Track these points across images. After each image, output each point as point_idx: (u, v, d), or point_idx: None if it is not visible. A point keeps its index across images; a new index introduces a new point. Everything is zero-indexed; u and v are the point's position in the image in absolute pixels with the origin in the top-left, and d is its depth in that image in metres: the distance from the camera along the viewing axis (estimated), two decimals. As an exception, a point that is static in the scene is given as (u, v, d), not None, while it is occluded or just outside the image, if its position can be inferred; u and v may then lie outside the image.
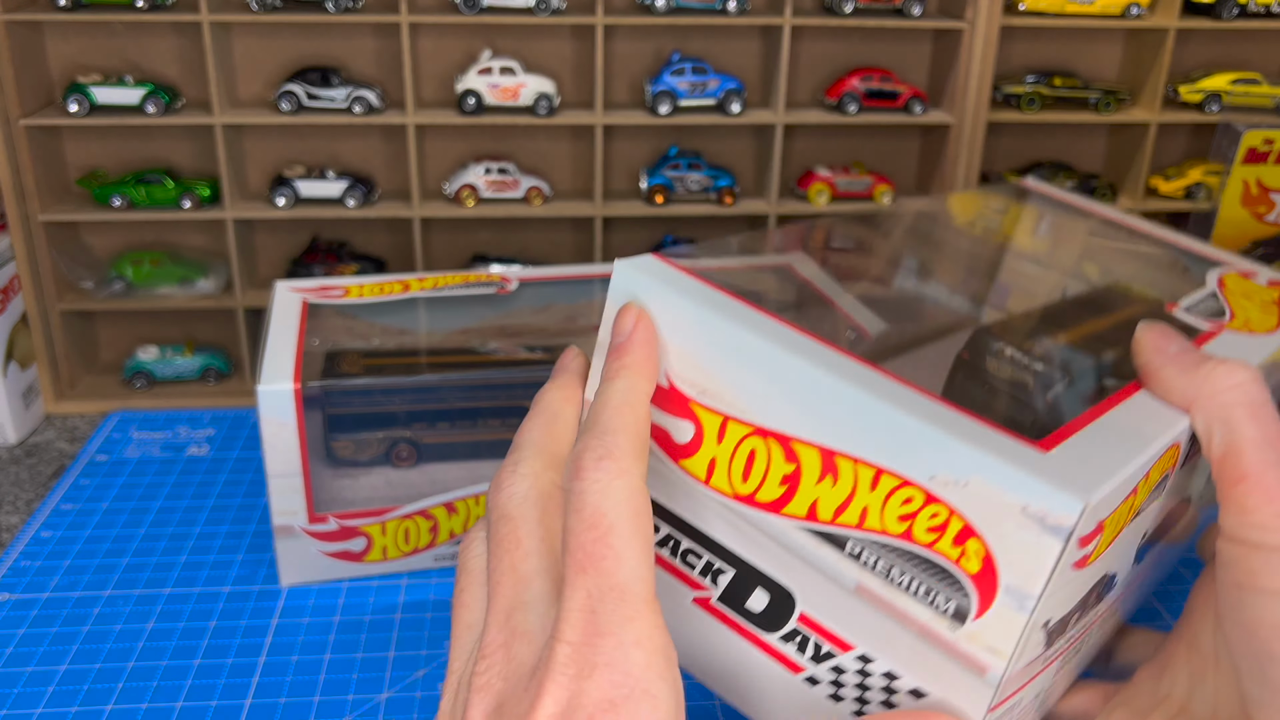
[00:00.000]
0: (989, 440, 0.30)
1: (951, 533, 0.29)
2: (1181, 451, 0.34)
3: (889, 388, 0.31)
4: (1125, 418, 0.33)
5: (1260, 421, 0.32)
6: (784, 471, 0.32)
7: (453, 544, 0.71)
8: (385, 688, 0.61)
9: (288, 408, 0.64)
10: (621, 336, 0.35)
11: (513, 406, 0.71)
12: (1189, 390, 0.34)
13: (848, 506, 0.31)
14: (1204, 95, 0.97)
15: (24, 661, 0.62)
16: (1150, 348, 0.36)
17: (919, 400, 0.31)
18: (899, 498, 0.30)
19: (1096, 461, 0.30)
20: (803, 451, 0.32)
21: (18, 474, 0.83)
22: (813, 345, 0.33)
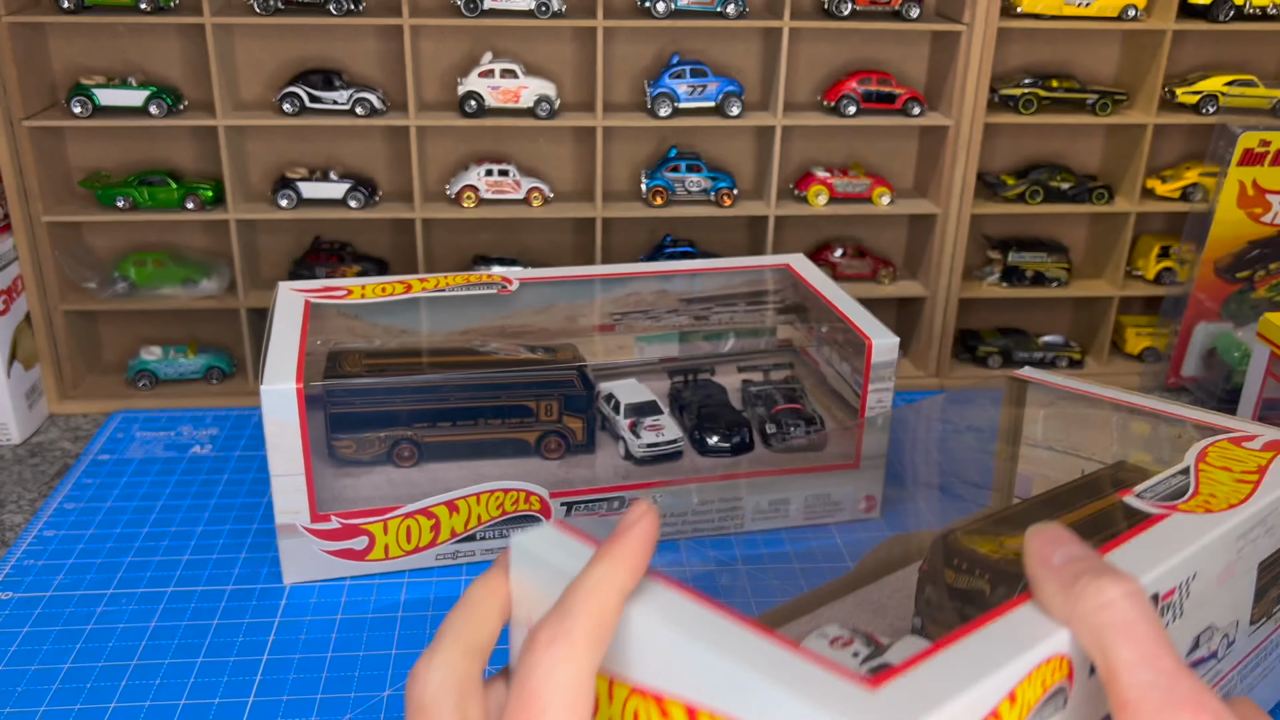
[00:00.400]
0: (817, 685, 0.30)
1: None
2: (1076, 661, 0.34)
3: (731, 637, 0.32)
4: (991, 637, 0.33)
5: (1134, 640, 0.31)
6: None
7: (454, 542, 0.72)
8: (387, 685, 0.61)
9: (290, 407, 0.65)
10: (623, 528, 0.35)
11: (514, 406, 0.71)
12: (1064, 610, 0.33)
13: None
14: (1200, 97, 0.97)
15: (28, 659, 0.62)
16: (1034, 558, 0.35)
17: (758, 648, 0.32)
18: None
19: (925, 694, 0.30)
20: (671, 708, 0.33)
21: (21, 473, 0.84)
22: (672, 596, 0.34)
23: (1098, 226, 1.06)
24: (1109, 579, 0.32)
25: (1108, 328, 1.05)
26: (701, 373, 0.81)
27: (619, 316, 0.81)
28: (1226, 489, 0.46)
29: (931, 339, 1.02)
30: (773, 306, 0.86)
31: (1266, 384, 0.88)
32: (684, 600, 0.34)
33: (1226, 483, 0.47)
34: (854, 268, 1.02)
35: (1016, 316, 1.10)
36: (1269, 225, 0.99)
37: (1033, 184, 1.00)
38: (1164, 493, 0.46)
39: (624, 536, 0.34)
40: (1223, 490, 0.46)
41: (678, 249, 1.00)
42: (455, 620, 0.36)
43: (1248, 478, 0.47)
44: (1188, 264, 1.01)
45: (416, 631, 0.66)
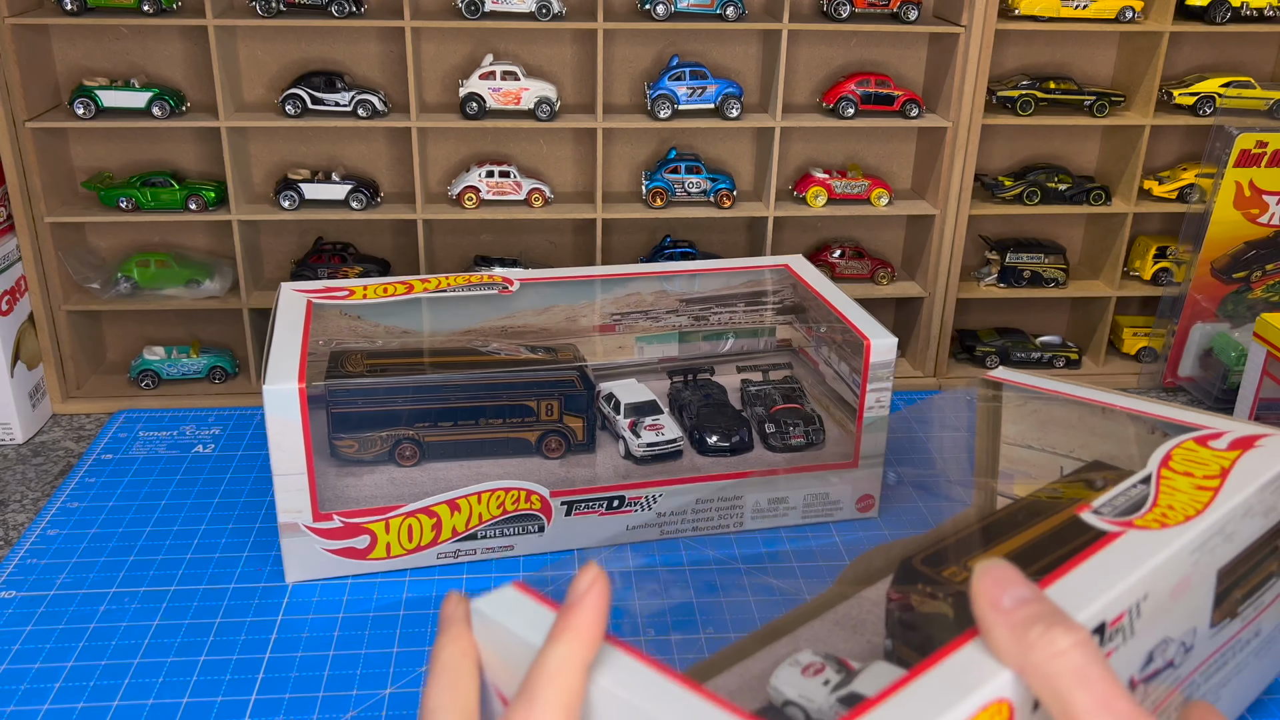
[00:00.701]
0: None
1: None
2: (1017, 704, 0.34)
3: (682, 707, 0.33)
4: (935, 681, 0.34)
5: (1089, 686, 0.31)
6: None
7: (456, 541, 0.72)
8: (389, 683, 0.62)
9: (293, 407, 0.65)
10: (574, 597, 0.36)
11: (514, 405, 0.72)
12: (1015, 657, 0.33)
13: None
14: (1197, 98, 0.98)
15: (31, 658, 0.63)
16: (983, 600, 0.35)
17: (704, 714, 0.33)
18: None
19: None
20: None
21: (25, 473, 0.84)
22: (624, 664, 0.36)
23: (1095, 227, 1.07)
24: (1060, 629, 0.33)
25: (1105, 328, 1.05)
26: (701, 373, 0.81)
27: (619, 317, 0.82)
28: (1185, 498, 0.46)
29: (929, 339, 1.03)
30: (772, 307, 0.87)
31: (1263, 384, 0.89)
32: (640, 666, 0.35)
33: (1186, 490, 0.47)
34: (852, 268, 1.03)
35: (1014, 317, 1.11)
36: (1265, 226, 1.00)
37: (1030, 185, 1.00)
38: (1122, 506, 0.46)
39: (578, 608, 0.35)
40: (1181, 500, 0.46)
41: (677, 250, 1.00)
42: (439, 693, 0.37)
43: (1208, 484, 0.47)
44: (1184, 264, 1.01)
45: (418, 630, 0.66)
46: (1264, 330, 0.88)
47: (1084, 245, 1.09)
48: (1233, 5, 0.95)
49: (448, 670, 0.38)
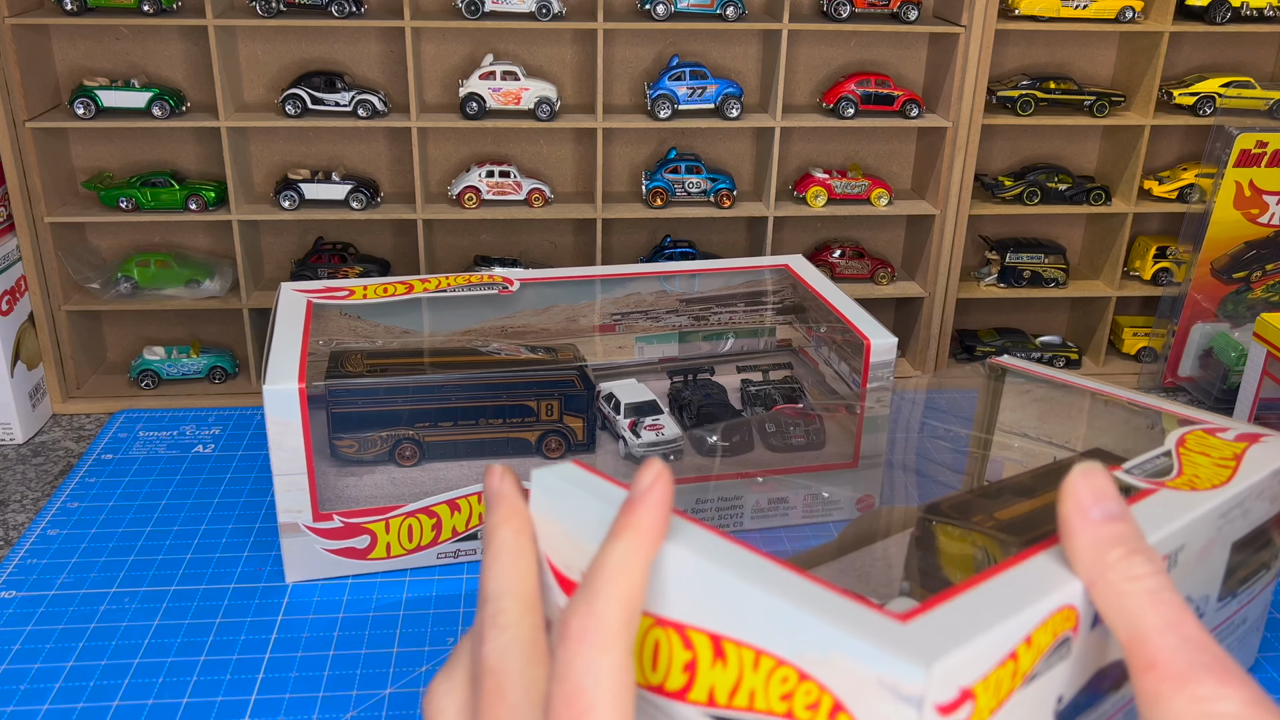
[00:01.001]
0: (847, 615, 0.30)
1: (825, 709, 0.30)
2: (1082, 614, 0.34)
3: (760, 569, 0.32)
4: (1011, 581, 0.34)
5: (1161, 607, 0.32)
6: (684, 659, 0.33)
7: (456, 541, 0.72)
8: (389, 683, 0.62)
9: (293, 407, 0.65)
10: (637, 493, 0.34)
11: (514, 405, 0.72)
12: (1091, 573, 0.33)
13: (738, 689, 0.32)
14: (1197, 98, 0.98)
15: (31, 658, 0.63)
16: (1073, 504, 0.34)
17: (788, 580, 0.32)
18: (778, 677, 0.31)
19: (953, 629, 0.31)
20: (695, 638, 0.33)
21: (25, 473, 0.84)
22: (694, 530, 0.34)
23: (1095, 227, 1.07)
24: (1141, 557, 0.33)
25: (1105, 328, 1.05)
26: (701, 373, 0.81)
27: (619, 317, 0.82)
28: (1208, 471, 0.47)
29: (929, 339, 1.03)
30: (772, 307, 0.87)
31: (1263, 384, 0.89)
32: (707, 534, 0.34)
33: (1206, 466, 0.48)
34: (852, 268, 1.03)
35: (1014, 317, 1.11)
36: (1266, 226, 1.00)
37: (1030, 185, 1.00)
38: (1150, 471, 0.47)
39: (641, 504, 0.33)
40: (1205, 472, 0.47)
41: (677, 250, 1.00)
42: (500, 576, 0.35)
43: (1226, 463, 0.48)
44: (1184, 264, 1.01)
45: (418, 630, 0.66)
46: (1264, 330, 0.88)
47: (1084, 245, 1.09)
48: (1233, 5, 0.95)
49: (506, 551, 0.35)
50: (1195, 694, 0.30)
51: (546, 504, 0.37)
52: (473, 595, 0.70)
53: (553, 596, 0.37)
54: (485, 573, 0.35)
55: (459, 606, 0.69)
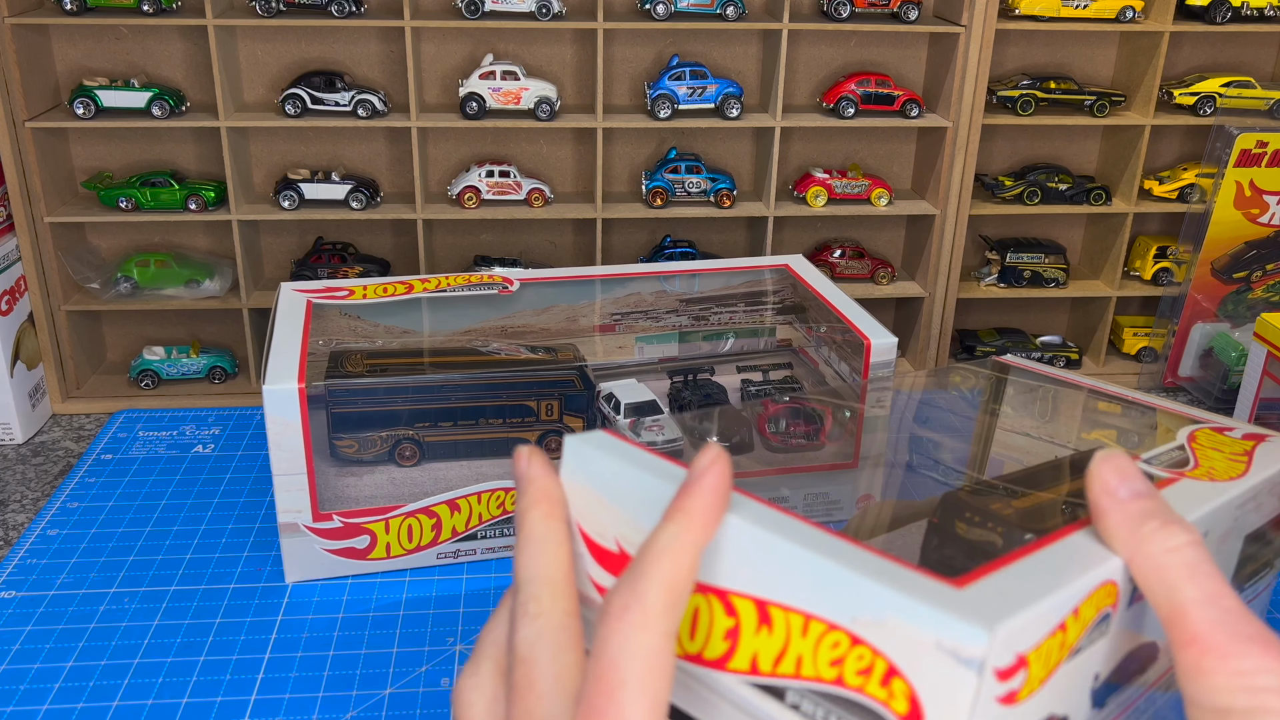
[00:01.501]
0: (903, 579, 0.30)
1: (878, 674, 0.30)
2: (1122, 590, 0.35)
3: (810, 535, 0.32)
4: (1056, 554, 0.34)
5: (1200, 580, 0.32)
6: (725, 626, 0.33)
7: (456, 541, 0.72)
8: (389, 683, 0.62)
9: (293, 407, 0.65)
10: (692, 476, 0.33)
11: (514, 405, 0.72)
12: (1128, 545, 0.34)
13: (784, 656, 0.31)
14: (1197, 98, 0.98)
15: (31, 658, 0.63)
16: (1100, 486, 0.35)
17: (838, 546, 0.32)
18: (828, 642, 0.31)
19: (1010, 595, 0.31)
20: (740, 604, 0.32)
21: (24, 473, 0.84)
22: (740, 499, 0.34)
23: (1095, 227, 1.07)
24: (1176, 526, 0.33)
25: (1105, 328, 1.05)
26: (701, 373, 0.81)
27: (619, 317, 0.82)
28: (1223, 465, 0.47)
29: (930, 339, 1.03)
30: (772, 307, 0.87)
31: (1263, 384, 0.89)
32: (754, 502, 0.34)
33: (1221, 460, 0.48)
34: (852, 268, 1.03)
35: (1014, 317, 1.11)
36: (1266, 226, 1.00)
37: (1030, 185, 1.00)
38: (1167, 462, 0.47)
39: (695, 489, 0.33)
40: (1221, 465, 0.47)
41: (677, 250, 1.00)
42: (532, 562, 0.34)
43: (1239, 458, 0.48)
44: (1185, 264, 1.01)
45: (418, 630, 0.66)
46: (1264, 330, 0.88)
47: (1084, 245, 1.09)
48: (1233, 5, 0.95)
49: (536, 536, 0.35)
50: (1238, 668, 0.30)
51: (580, 471, 0.37)
52: (472, 595, 0.70)
53: (584, 565, 0.36)
54: (517, 559, 0.35)
55: (459, 606, 0.69)
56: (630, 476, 0.35)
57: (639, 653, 0.30)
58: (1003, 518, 0.43)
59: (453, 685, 0.34)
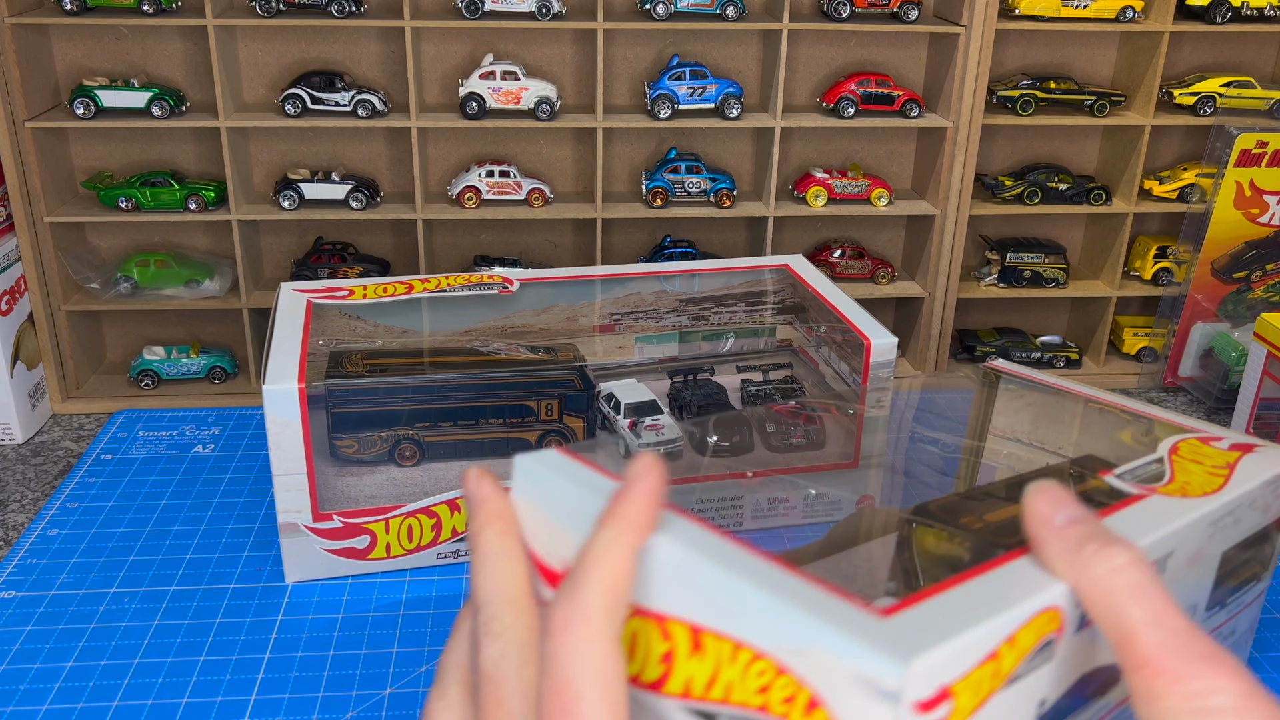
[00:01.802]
0: (827, 608, 0.30)
1: (801, 704, 0.29)
2: (1068, 616, 0.34)
3: (742, 560, 0.32)
4: (995, 581, 0.34)
5: (1146, 600, 0.31)
6: (661, 650, 0.32)
7: (456, 541, 0.72)
8: (389, 683, 0.62)
9: (293, 407, 0.65)
10: (627, 482, 0.33)
11: (514, 405, 0.72)
12: (1070, 571, 0.33)
13: (715, 681, 0.31)
14: (1197, 98, 0.98)
15: (31, 658, 0.63)
16: (1036, 517, 0.35)
17: (769, 572, 0.32)
18: (755, 670, 0.31)
19: (935, 625, 0.30)
20: (674, 628, 0.32)
21: (24, 473, 0.84)
22: (676, 520, 0.34)
23: (1095, 227, 1.07)
24: (1116, 546, 0.33)
25: (1105, 328, 1.05)
26: (701, 373, 0.81)
27: (619, 317, 0.82)
28: (1200, 479, 0.47)
29: (929, 339, 1.03)
30: (772, 307, 0.87)
31: (1263, 384, 0.89)
32: (692, 525, 0.34)
33: (1199, 474, 0.47)
34: (852, 268, 1.03)
35: (1014, 317, 1.11)
36: (1266, 226, 1.00)
37: (1030, 185, 1.00)
38: (1142, 476, 0.47)
39: (630, 494, 0.33)
40: (1197, 479, 0.47)
41: (677, 250, 1.00)
42: (489, 582, 0.34)
43: (1219, 472, 0.48)
44: (1185, 264, 1.01)
45: (418, 630, 0.66)
46: (1264, 330, 0.88)
47: (1084, 245, 1.09)
48: (1233, 5, 0.95)
49: (493, 555, 0.35)
50: (1189, 689, 0.29)
51: (529, 491, 0.37)
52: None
53: (538, 587, 0.36)
54: (475, 579, 0.35)
55: (459, 606, 0.69)
56: (578, 498, 0.35)
57: (590, 662, 0.30)
58: (971, 532, 0.42)
59: (420, 711, 0.34)
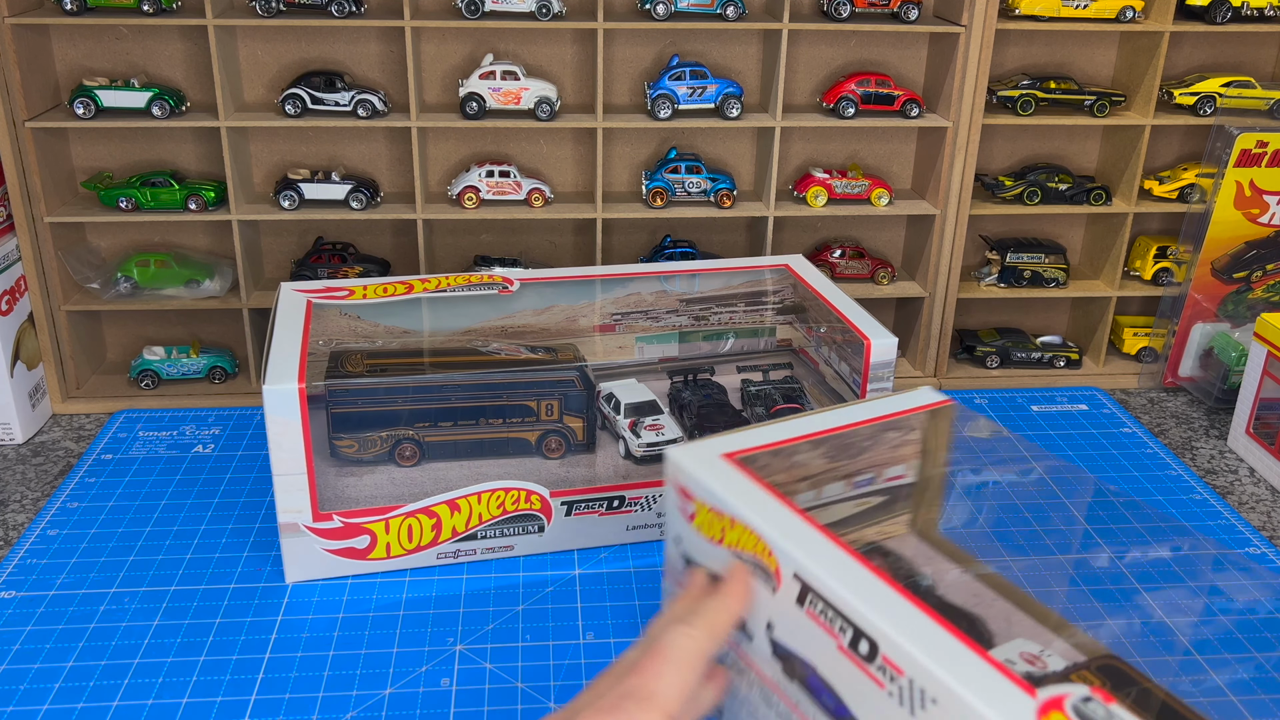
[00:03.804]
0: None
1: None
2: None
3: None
4: None
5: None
6: None
7: (456, 541, 0.72)
8: (389, 683, 0.62)
9: (293, 407, 0.65)
10: (720, 590, 0.48)
11: (514, 405, 0.72)
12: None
13: None
14: (1197, 98, 0.98)
15: (31, 658, 0.63)
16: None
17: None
18: None
19: None
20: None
21: (25, 473, 0.84)
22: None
23: (1095, 227, 1.07)
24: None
25: (1105, 328, 1.05)
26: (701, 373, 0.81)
27: (619, 317, 0.82)
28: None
29: (930, 339, 1.03)
30: (772, 307, 0.87)
31: (1263, 384, 0.89)
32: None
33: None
34: (853, 268, 1.02)
35: (1014, 317, 1.11)
36: (1266, 226, 1.00)
37: (1030, 185, 1.00)
38: None
39: (720, 605, 0.47)
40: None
41: (677, 250, 1.00)
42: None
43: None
44: (1185, 264, 1.01)
45: (418, 630, 0.66)
46: (1264, 330, 0.88)
47: (1084, 245, 1.09)
48: (1233, 5, 0.95)
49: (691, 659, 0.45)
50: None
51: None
52: (472, 595, 0.70)
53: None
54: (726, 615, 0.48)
55: (459, 606, 0.69)
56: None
57: (684, 644, 0.45)
58: None
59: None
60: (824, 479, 0.56)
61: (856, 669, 0.44)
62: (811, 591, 0.46)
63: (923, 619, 0.43)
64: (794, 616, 0.47)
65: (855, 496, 0.56)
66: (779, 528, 0.49)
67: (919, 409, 0.62)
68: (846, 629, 0.44)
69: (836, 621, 0.45)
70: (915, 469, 0.60)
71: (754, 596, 0.44)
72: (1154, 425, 0.97)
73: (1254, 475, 0.88)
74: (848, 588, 0.44)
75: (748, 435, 0.58)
